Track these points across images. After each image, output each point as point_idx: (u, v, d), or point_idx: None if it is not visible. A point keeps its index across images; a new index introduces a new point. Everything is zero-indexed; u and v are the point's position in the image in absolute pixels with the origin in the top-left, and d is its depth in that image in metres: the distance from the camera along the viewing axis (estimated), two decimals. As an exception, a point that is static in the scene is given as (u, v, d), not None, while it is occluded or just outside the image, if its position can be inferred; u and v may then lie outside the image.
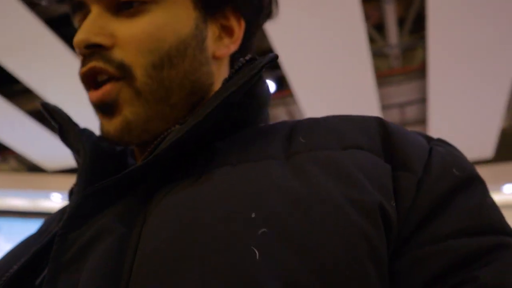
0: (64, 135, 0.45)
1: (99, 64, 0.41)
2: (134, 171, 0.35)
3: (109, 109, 0.42)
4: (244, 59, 0.39)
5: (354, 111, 0.42)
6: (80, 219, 0.34)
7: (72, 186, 0.45)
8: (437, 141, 0.39)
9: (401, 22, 3.21)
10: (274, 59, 0.38)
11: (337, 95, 3.40)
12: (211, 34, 0.46)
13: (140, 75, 0.41)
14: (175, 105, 0.43)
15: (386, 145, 0.36)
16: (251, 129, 0.41)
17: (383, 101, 3.91)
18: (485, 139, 3.99)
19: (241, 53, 0.50)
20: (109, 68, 0.41)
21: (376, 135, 0.37)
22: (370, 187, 0.32)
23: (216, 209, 0.30)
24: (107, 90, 0.42)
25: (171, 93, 0.43)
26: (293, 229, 0.28)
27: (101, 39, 0.41)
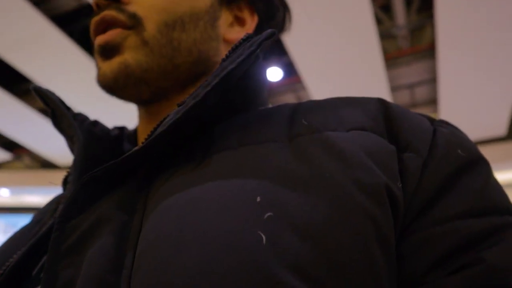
0: (57, 120, 0.44)
1: (111, 12, 0.42)
2: (131, 156, 0.34)
3: (110, 51, 0.42)
4: (241, 38, 0.39)
5: (363, 95, 0.41)
6: (78, 207, 0.33)
7: (65, 174, 0.44)
8: (440, 122, 0.38)
9: (408, 1, 3.16)
10: (271, 35, 0.38)
11: (346, 79, 3.38)
12: (224, 19, 0.48)
13: (150, 28, 0.42)
14: (178, 66, 0.44)
15: (389, 126, 0.36)
16: (251, 111, 0.41)
17: (392, 82, 3.87)
18: (497, 117, 3.94)
19: None
20: (121, 16, 0.42)
21: (378, 116, 0.37)
22: (375, 168, 0.31)
23: (220, 194, 0.29)
24: (114, 32, 0.42)
25: (178, 54, 0.43)
26: (298, 213, 0.28)
27: None
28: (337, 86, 3.44)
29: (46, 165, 5.32)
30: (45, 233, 0.36)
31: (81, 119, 0.45)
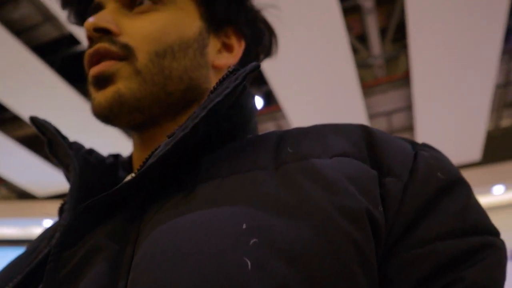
0: (53, 150, 0.45)
1: (104, 45, 0.44)
2: (123, 187, 0.35)
3: (104, 81, 0.44)
4: (228, 70, 0.40)
5: (342, 122, 0.43)
6: (72, 237, 0.34)
7: (62, 203, 0.45)
8: (421, 146, 0.40)
9: (383, 32, 3.27)
10: (256, 67, 0.39)
11: (325, 108, 3.44)
12: (212, 45, 0.50)
13: (142, 58, 0.44)
14: (170, 94, 0.45)
15: (371, 152, 0.37)
16: (240, 140, 0.42)
17: (370, 110, 3.96)
18: (472, 143, 4.05)
19: None
20: (114, 48, 0.44)
21: (361, 142, 0.38)
22: (357, 193, 0.32)
23: (207, 222, 0.30)
24: (107, 64, 0.44)
25: (169, 82, 0.45)
26: (283, 239, 0.29)
27: (110, 25, 0.45)
28: (317, 114, 3.50)
29: (23, 195, 5.20)
30: (41, 261, 0.37)
31: (76, 147, 0.46)
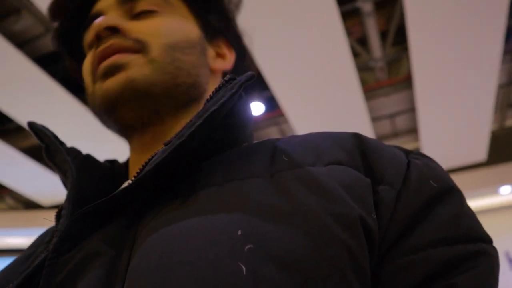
0: (51, 155, 0.46)
1: (118, 40, 0.45)
2: (120, 194, 0.36)
3: (115, 70, 0.44)
4: (224, 79, 0.41)
5: (344, 126, 0.44)
6: (69, 242, 0.35)
7: (59, 208, 0.45)
8: (414, 154, 0.40)
9: (383, 35, 3.27)
10: (251, 77, 0.40)
11: (327, 112, 3.44)
12: (209, 52, 0.53)
13: (155, 48, 0.46)
14: (179, 85, 0.46)
15: (364, 160, 0.38)
16: (236, 148, 0.42)
17: (373, 113, 3.95)
18: (477, 143, 4.03)
19: None
20: (127, 43, 0.45)
21: (354, 151, 0.38)
22: (350, 201, 0.33)
23: (203, 229, 0.31)
24: (120, 55, 0.45)
25: (180, 73, 0.46)
26: (278, 245, 0.29)
27: (119, 24, 0.46)
28: (319, 118, 3.50)
29: (29, 205, 5.22)
30: (39, 265, 0.37)
31: (74, 153, 0.46)
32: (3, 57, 2.75)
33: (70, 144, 0.47)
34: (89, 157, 0.49)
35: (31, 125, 0.46)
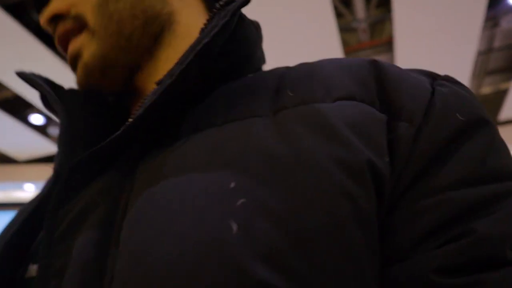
0: (48, 103, 0.43)
1: (61, 28, 0.44)
2: (113, 140, 0.34)
3: (75, 62, 0.44)
4: (219, 4, 0.38)
5: None
6: (68, 193, 0.34)
7: (57, 153, 0.43)
8: (442, 80, 0.35)
9: (367, -4, 3.24)
10: (245, 2, 0.36)
11: (307, 72, 3.43)
12: None
13: (90, 17, 0.42)
14: (130, 36, 0.42)
15: (381, 92, 0.34)
16: (239, 80, 0.39)
17: (353, 75, 3.95)
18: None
19: None
20: (68, 25, 0.43)
21: (371, 82, 0.34)
22: (358, 143, 0.30)
23: (196, 180, 0.29)
24: (72, 44, 0.44)
25: (123, 25, 0.42)
26: (273, 198, 0.27)
27: (56, 7, 0.44)
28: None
29: (4, 160, 5.14)
30: (36, 216, 0.37)
31: (71, 94, 0.44)
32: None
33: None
34: (91, 95, 0.45)
35: (20, 74, 0.44)
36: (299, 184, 0.28)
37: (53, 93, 0.42)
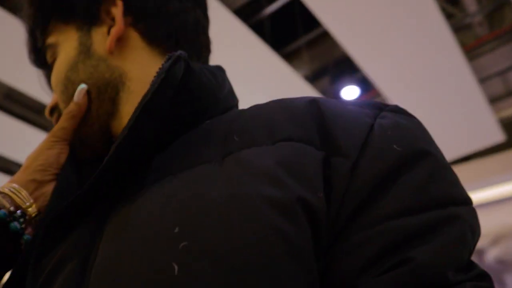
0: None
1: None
2: (77, 199, 0.37)
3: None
4: (159, 68, 0.40)
5: (449, 93, 0.38)
6: (50, 243, 0.37)
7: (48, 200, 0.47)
8: (387, 112, 0.36)
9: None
10: (178, 58, 0.39)
11: (426, 82, 3.24)
12: (100, 36, 0.50)
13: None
14: (90, 107, 0.49)
15: (321, 130, 0.35)
16: (198, 128, 0.42)
17: (479, 74, 3.63)
18: None
19: (150, 28, 0.50)
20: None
21: (309, 121, 0.36)
22: (290, 182, 0.31)
23: (146, 229, 0.32)
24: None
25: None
26: (211, 240, 0.29)
27: (52, 103, 0.54)
28: (420, 91, 3.30)
29: None
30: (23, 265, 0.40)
31: None
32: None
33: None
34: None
35: None
36: (235, 225, 0.29)
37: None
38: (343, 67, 3.60)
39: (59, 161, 0.48)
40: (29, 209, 0.44)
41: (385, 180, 0.31)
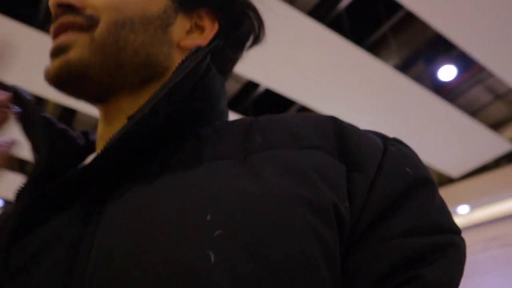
0: (27, 125, 0.43)
1: (68, 17, 0.44)
2: (81, 172, 0.35)
3: (58, 52, 0.43)
4: (191, 51, 0.40)
5: None
6: (30, 224, 0.34)
7: (20, 186, 0.41)
8: (391, 141, 0.39)
9: None
10: (217, 46, 0.39)
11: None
12: (181, 25, 0.48)
13: (101, 26, 0.43)
14: (122, 66, 0.44)
15: (341, 145, 0.37)
16: (208, 126, 0.41)
17: None
18: None
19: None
20: (79, 19, 0.43)
21: (331, 136, 0.38)
22: (325, 187, 0.32)
23: (170, 213, 0.30)
24: (67, 35, 0.43)
25: (123, 53, 0.43)
26: (247, 232, 0.29)
27: (73, 0, 0.44)
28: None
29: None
30: None
31: (49, 123, 0.44)
32: None
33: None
34: (59, 127, 0.45)
35: (7, 87, 0.42)
36: (271, 220, 0.30)
37: (37, 119, 0.42)
38: (436, 48, 3.30)
39: None
40: None
41: (397, 200, 0.34)
